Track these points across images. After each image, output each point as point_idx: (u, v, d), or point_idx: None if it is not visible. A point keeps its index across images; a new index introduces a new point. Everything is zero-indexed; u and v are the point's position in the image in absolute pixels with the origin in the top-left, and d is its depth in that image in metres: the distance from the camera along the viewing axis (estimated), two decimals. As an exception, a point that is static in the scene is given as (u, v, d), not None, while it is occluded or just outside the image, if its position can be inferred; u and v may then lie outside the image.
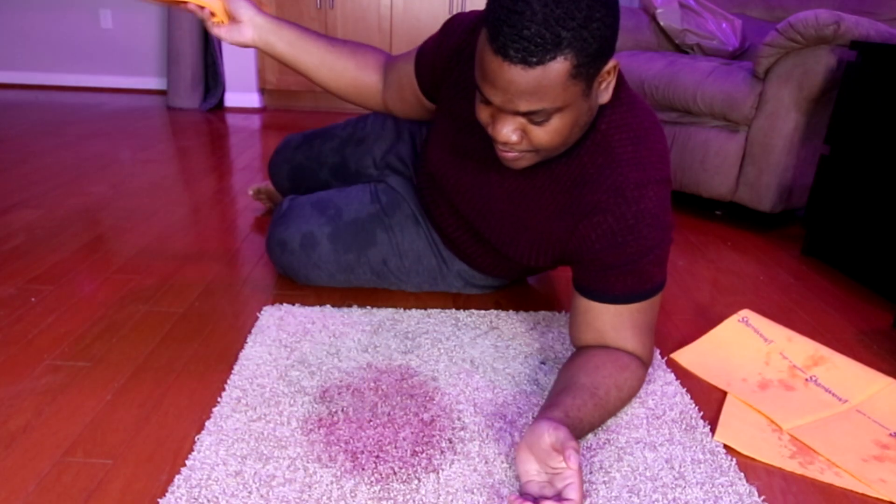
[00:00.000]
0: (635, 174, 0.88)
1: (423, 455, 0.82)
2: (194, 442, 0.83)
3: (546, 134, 0.80)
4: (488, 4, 0.75)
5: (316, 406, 0.91)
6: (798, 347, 1.10)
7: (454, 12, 3.45)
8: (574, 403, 0.82)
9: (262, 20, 1.05)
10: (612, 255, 0.90)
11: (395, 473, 0.79)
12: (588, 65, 0.74)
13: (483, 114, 0.83)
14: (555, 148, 0.83)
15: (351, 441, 0.84)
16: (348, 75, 1.12)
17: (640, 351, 0.94)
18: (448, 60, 1.01)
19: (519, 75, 0.72)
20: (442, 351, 1.07)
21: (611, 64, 0.79)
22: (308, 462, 0.80)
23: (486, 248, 1.14)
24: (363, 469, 0.79)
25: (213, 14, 1.04)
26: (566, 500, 0.68)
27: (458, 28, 1.00)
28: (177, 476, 0.76)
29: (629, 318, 0.93)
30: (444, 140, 1.05)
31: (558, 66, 0.72)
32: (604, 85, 0.82)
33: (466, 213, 1.07)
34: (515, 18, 0.70)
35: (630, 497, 0.77)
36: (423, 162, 1.19)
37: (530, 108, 0.76)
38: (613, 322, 0.93)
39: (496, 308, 1.25)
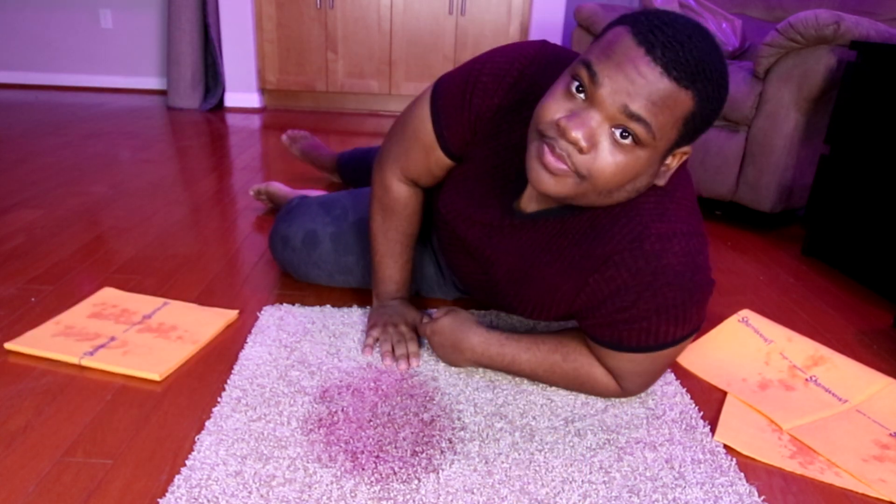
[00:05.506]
0: (657, 225, 0.78)
1: (423, 455, 0.82)
2: (194, 442, 0.83)
3: (611, 164, 0.70)
4: (639, 14, 0.69)
5: (316, 406, 0.91)
6: (798, 347, 1.10)
7: (454, 12, 3.46)
8: (513, 335, 0.95)
9: (398, 299, 1.14)
10: (623, 313, 0.82)
11: (395, 473, 0.79)
12: (694, 122, 0.69)
13: (559, 105, 0.71)
14: (600, 187, 0.73)
15: (351, 441, 0.84)
16: (417, 218, 1.10)
17: (632, 392, 0.92)
18: (490, 118, 0.90)
19: (653, 75, 0.66)
20: (442, 351, 1.07)
21: (688, 147, 0.74)
22: (308, 462, 0.80)
23: (493, 295, 1.06)
24: (363, 469, 0.79)
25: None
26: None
27: (496, 89, 0.88)
28: (177, 476, 0.76)
29: (630, 365, 0.88)
30: (460, 184, 0.97)
31: (685, 98, 0.67)
32: (670, 160, 0.75)
33: (477, 256, 1.00)
34: (671, 32, 0.66)
35: (630, 497, 0.77)
36: (434, 200, 1.15)
37: (638, 112, 0.67)
38: (617, 364, 0.89)
39: (496, 308, 1.25)
